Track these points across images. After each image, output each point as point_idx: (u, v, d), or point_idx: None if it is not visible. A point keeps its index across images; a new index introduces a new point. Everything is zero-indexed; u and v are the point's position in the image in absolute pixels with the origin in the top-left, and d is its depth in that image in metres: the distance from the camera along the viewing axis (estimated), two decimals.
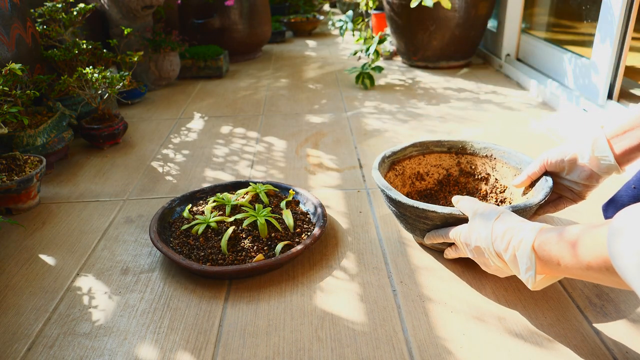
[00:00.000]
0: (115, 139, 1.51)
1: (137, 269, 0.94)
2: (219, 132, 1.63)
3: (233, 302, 0.84)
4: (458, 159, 1.07)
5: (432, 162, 1.08)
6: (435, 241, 0.86)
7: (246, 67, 2.53)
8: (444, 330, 0.76)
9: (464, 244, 0.78)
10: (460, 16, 2.13)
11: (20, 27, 1.43)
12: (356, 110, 1.79)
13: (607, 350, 0.71)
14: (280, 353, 0.73)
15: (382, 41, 2.07)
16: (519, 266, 0.67)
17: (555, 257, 0.60)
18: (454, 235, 0.80)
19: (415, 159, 1.07)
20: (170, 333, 0.78)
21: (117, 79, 1.44)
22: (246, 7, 2.52)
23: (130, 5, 1.93)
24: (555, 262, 0.61)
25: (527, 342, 0.73)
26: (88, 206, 1.18)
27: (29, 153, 1.25)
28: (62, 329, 0.80)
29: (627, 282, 0.48)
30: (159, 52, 2.04)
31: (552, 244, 0.61)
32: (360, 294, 0.85)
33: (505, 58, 2.21)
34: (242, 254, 0.91)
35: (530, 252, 0.64)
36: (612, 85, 1.49)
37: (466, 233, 0.77)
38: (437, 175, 1.08)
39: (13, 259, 0.98)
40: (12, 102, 1.22)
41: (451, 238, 0.81)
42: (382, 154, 1.02)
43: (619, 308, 0.79)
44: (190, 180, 1.29)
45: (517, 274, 0.69)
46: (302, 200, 1.10)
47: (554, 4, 1.99)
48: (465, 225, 0.78)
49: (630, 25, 1.40)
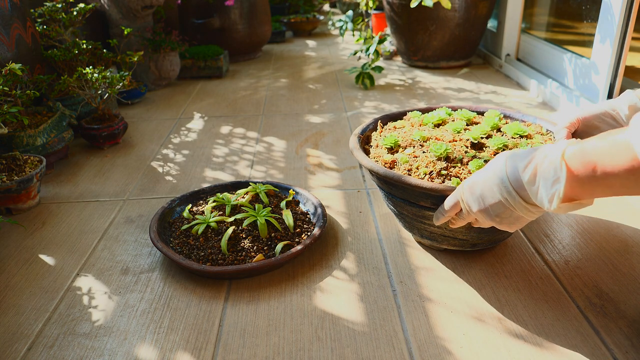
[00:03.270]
0: (115, 139, 1.51)
1: (137, 269, 0.94)
2: (219, 132, 1.63)
3: (233, 302, 0.84)
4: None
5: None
6: (445, 215, 0.77)
7: (246, 67, 2.53)
8: (444, 330, 0.76)
9: (467, 192, 0.70)
10: (460, 16, 2.13)
11: (20, 27, 1.43)
12: (356, 110, 1.79)
13: (607, 350, 0.71)
14: (280, 353, 0.73)
15: (382, 41, 2.07)
16: (542, 186, 0.59)
17: (592, 163, 0.54)
18: (456, 194, 0.74)
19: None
20: (170, 333, 0.78)
21: (117, 79, 1.44)
22: (246, 7, 2.52)
23: (130, 5, 1.93)
24: (591, 169, 0.54)
25: (527, 342, 0.73)
26: (88, 206, 1.18)
27: (29, 153, 1.25)
28: (62, 329, 0.80)
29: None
30: (159, 52, 2.04)
31: (587, 149, 0.55)
32: (360, 294, 0.85)
33: (505, 58, 2.21)
34: (242, 254, 0.91)
35: (560, 161, 0.57)
36: (612, 85, 1.49)
37: (469, 183, 0.70)
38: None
39: (13, 259, 0.98)
40: (12, 102, 1.22)
41: (453, 201, 0.74)
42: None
43: (619, 308, 0.79)
44: (190, 180, 1.29)
45: (536, 199, 0.61)
46: (302, 200, 1.10)
47: (554, 4, 1.99)
48: (464, 181, 0.73)
49: (630, 25, 1.40)
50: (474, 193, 0.69)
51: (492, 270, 0.89)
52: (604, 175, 0.54)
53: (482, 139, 0.91)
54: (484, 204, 0.68)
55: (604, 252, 0.93)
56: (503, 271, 0.89)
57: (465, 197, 0.71)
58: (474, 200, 0.70)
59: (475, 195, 0.69)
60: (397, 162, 0.88)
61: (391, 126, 1.03)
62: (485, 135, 0.93)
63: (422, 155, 0.87)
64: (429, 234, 0.90)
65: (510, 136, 0.92)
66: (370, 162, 0.86)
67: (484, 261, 0.92)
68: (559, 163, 0.57)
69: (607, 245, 0.95)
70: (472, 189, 0.70)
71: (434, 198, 0.79)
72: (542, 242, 0.97)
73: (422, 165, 0.85)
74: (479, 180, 0.69)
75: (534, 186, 0.61)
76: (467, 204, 0.71)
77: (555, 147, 0.59)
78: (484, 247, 0.92)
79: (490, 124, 0.96)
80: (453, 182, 0.80)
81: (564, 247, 0.95)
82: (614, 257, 0.91)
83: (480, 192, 0.68)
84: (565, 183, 0.57)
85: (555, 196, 0.58)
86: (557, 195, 0.58)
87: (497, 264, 0.91)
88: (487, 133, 0.93)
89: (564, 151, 0.58)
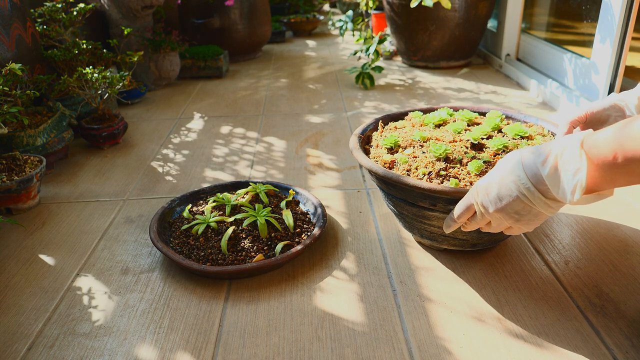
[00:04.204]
0: (115, 139, 1.51)
1: (137, 269, 0.94)
2: (219, 132, 1.63)
3: (233, 302, 0.84)
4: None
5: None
6: (457, 220, 0.76)
7: (246, 67, 2.53)
8: (444, 330, 0.76)
9: (482, 193, 0.69)
10: (460, 16, 2.13)
11: (20, 27, 1.43)
12: (356, 110, 1.79)
13: (607, 350, 0.71)
14: (280, 353, 0.73)
15: (382, 41, 2.07)
16: (563, 177, 0.58)
17: (612, 150, 0.54)
18: (468, 197, 0.73)
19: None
20: (170, 333, 0.78)
21: (117, 79, 1.44)
22: (246, 7, 2.52)
23: (130, 5, 1.93)
24: (612, 157, 0.54)
25: (527, 342, 0.73)
26: (88, 206, 1.18)
27: (29, 153, 1.26)
28: (62, 329, 0.80)
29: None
30: (159, 52, 2.04)
31: (606, 137, 0.55)
32: (360, 294, 0.85)
33: (505, 58, 2.21)
34: (242, 254, 0.91)
35: (580, 151, 0.57)
36: (612, 85, 1.49)
37: (484, 183, 0.69)
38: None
39: (13, 259, 0.98)
40: (12, 102, 1.22)
41: (464, 205, 0.73)
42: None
43: (619, 308, 0.79)
44: (190, 180, 1.29)
45: (558, 192, 0.60)
46: (302, 200, 1.10)
47: (554, 4, 1.99)
48: (477, 183, 0.71)
49: (630, 25, 1.40)
50: (490, 193, 0.68)
51: (492, 270, 0.89)
52: (625, 162, 0.54)
53: (483, 140, 0.91)
54: (501, 204, 0.67)
55: (604, 252, 0.93)
56: (503, 271, 0.89)
57: (480, 198, 0.70)
58: (490, 200, 0.68)
59: (491, 195, 0.68)
60: (396, 163, 0.88)
61: (392, 126, 1.03)
62: (486, 136, 0.93)
63: (421, 156, 0.87)
64: (429, 234, 0.90)
65: (511, 137, 0.92)
66: (370, 162, 0.86)
67: (484, 261, 0.92)
68: (579, 153, 0.57)
69: (607, 245, 0.95)
70: (487, 189, 0.69)
71: (433, 198, 0.79)
72: (542, 242, 0.97)
73: (421, 165, 0.85)
74: (494, 180, 0.68)
75: (556, 179, 0.60)
76: (483, 206, 0.70)
77: (573, 138, 0.59)
78: (484, 247, 0.92)
79: (491, 125, 0.96)
80: (452, 183, 0.80)
81: (564, 247, 0.95)
82: (614, 257, 0.91)
83: (497, 191, 0.67)
84: (587, 173, 0.57)
85: (578, 186, 0.57)
86: (579, 186, 0.57)
87: (497, 264, 0.91)
88: (487, 134, 0.93)
89: (582, 141, 0.58)
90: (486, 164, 0.83)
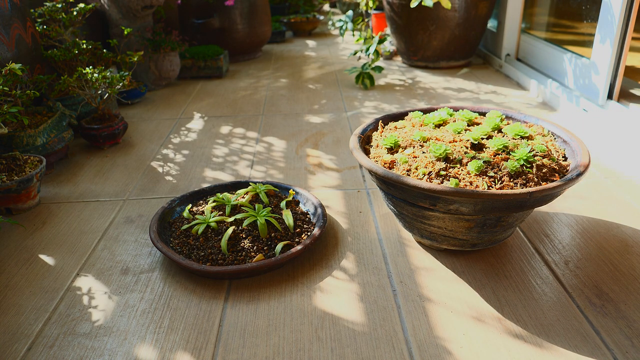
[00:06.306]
0: (115, 139, 1.51)
1: (137, 269, 0.94)
2: (219, 132, 1.63)
3: (233, 302, 0.84)
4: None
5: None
6: None
7: (246, 67, 2.53)
8: (444, 330, 0.76)
9: None
10: (460, 16, 2.13)
11: (20, 27, 1.43)
12: (356, 110, 1.79)
13: (607, 350, 0.71)
14: (280, 353, 0.73)
15: (382, 41, 2.07)
16: None
17: None
18: None
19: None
20: (170, 333, 0.78)
21: (117, 79, 1.44)
22: (246, 7, 2.52)
23: (130, 5, 1.93)
24: None
25: (527, 342, 0.73)
26: (88, 206, 1.18)
27: (29, 153, 1.25)
28: (62, 329, 0.80)
29: None
30: (159, 52, 2.04)
31: None
32: (360, 294, 0.85)
33: (505, 58, 2.21)
34: (242, 254, 0.91)
35: None
36: (612, 85, 1.49)
37: None
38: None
39: (13, 259, 0.98)
40: (12, 102, 1.22)
41: None
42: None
43: (619, 308, 0.79)
44: (190, 180, 1.29)
45: None
46: (302, 200, 1.10)
47: (554, 4, 1.99)
48: None
49: (630, 25, 1.40)
50: None
51: (492, 270, 0.89)
52: None
53: (483, 140, 0.91)
54: None
55: (604, 252, 0.93)
56: (503, 271, 0.89)
57: None
58: None
59: None
60: (396, 163, 0.88)
61: (392, 126, 1.03)
62: (486, 135, 0.93)
63: (421, 156, 0.87)
64: (429, 234, 0.90)
65: (511, 137, 0.92)
66: (370, 162, 0.86)
67: (484, 261, 0.92)
68: None
69: (607, 245, 0.95)
70: None
71: (433, 198, 0.79)
72: (542, 242, 0.97)
73: (421, 165, 0.85)
74: None
75: None
76: None
77: None
78: (484, 247, 0.92)
79: (491, 125, 0.96)
80: (452, 183, 0.80)
81: (564, 247, 0.95)
82: (614, 257, 0.91)
83: None
84: None
85: None
86: None
87: (497, 264, 0.91)
88: (487, 134, 0.93)
89: None
90: (486, 164, 0.83)
